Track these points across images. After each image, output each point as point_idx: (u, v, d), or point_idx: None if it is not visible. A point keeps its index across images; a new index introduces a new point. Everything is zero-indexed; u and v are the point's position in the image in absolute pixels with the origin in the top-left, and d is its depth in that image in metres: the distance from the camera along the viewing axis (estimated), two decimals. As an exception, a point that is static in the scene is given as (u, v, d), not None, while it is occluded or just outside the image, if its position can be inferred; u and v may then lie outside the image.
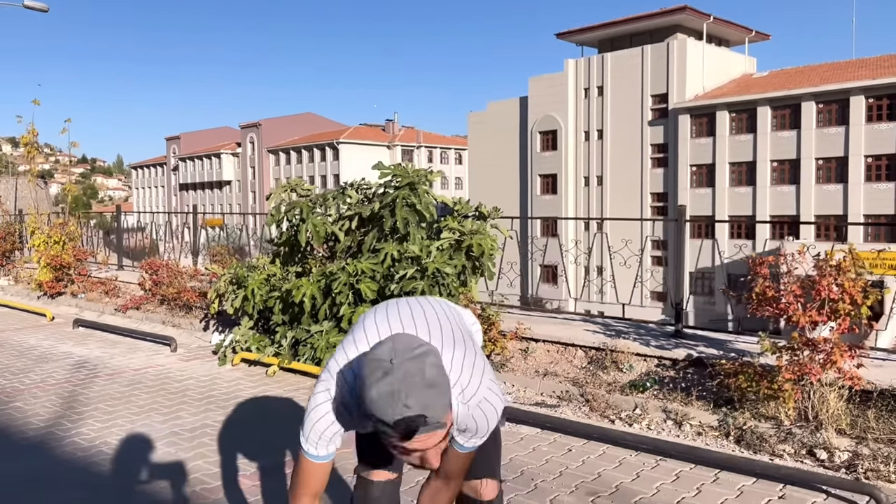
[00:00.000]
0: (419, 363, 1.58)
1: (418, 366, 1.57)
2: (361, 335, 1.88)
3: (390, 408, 1.54)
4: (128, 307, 8.45)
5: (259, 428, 4.37)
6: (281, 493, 3.34)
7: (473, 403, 1.81)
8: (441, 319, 1.92)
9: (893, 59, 36.51)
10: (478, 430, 1.87)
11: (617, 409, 4.56)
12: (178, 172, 79.88)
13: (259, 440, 4.09)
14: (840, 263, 4.07)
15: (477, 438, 1.90)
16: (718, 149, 37.13)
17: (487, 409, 1.84)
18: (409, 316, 1.90)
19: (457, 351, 1.83)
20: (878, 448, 3.72)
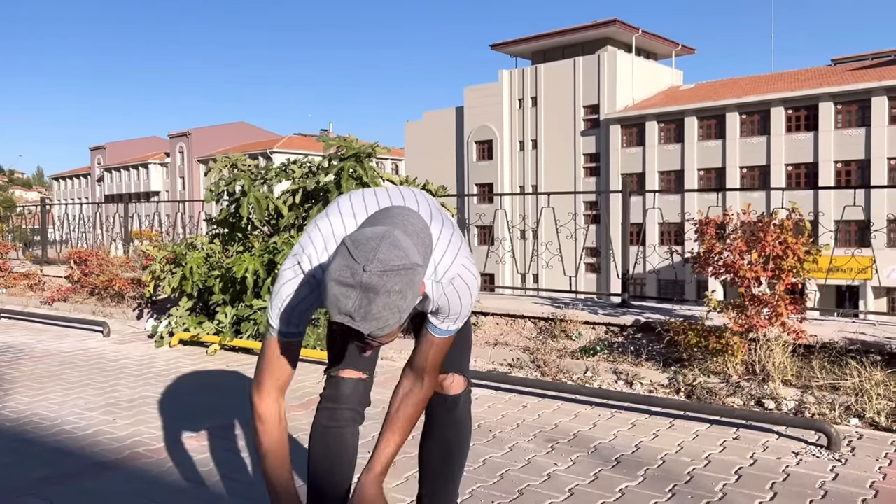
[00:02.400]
0: (389, 281, 1.45)
1: (386, 285, 1.45)
2: (347, 208, 1.78)
3: (337, 309, 1.46)
4: (54, 299, 8.04)
5: (201, 397, 4.18)
6: (228, 450, 3.19)
7: (447, 280, 1.74)
8: (422, 195, 1.85)
9: (810, 72, 38.34)
10: (450, 311, 1.79)
11: (568, 373, 4.56)
12: (104, 183, 77.24)
13: (202, 408, 3.91)
14: (783, 222, 4.18)
15: (451, 321, 1.82)
16: (648, 158, 38.15)
17: (461, 287, 1.76)
18: (396, 191, 1.83)
19: (436, 224, 1.76)
20: (822, 396, 3.82)
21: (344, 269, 1.45)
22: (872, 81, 32.09)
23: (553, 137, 41.57)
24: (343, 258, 1.47)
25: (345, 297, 1.44)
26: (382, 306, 1.45)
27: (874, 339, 4.12)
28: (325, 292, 1.47)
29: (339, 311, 1.45)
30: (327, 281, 1.47)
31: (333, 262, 1.48)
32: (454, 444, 2.18)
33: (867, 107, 32.41)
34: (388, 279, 1.45)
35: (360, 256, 1.45)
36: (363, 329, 1.46)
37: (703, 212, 4.47)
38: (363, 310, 1.44)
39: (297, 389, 4.30)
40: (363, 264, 1.44)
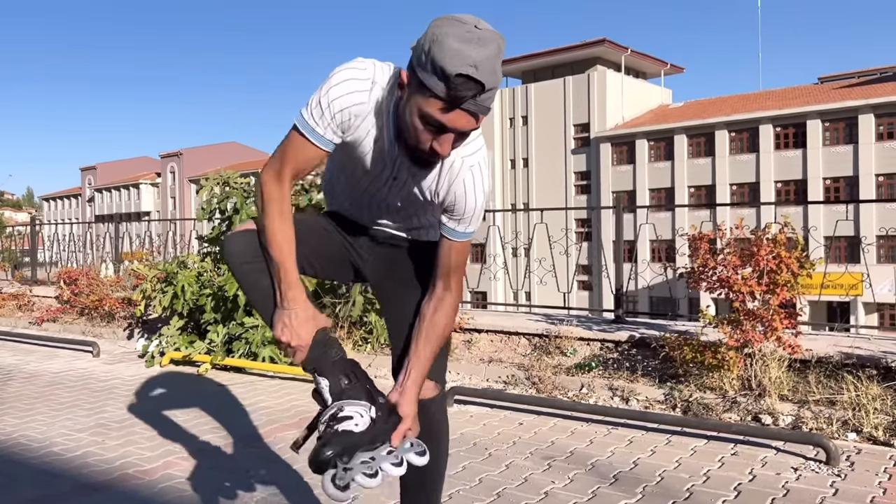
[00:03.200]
0: (500, 41, 1.47)
1: (500, 43, 1.46)
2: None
3: (460, 60, 1.42)
4: (43, 319, 7.96)
5: (193, 417, 4.12)
6: (220, 470, 3.13)
7: (467, 165, 1.70)
8: None
9: (797, 90, 38.75)
10: (465, 207, 1.73)
11: (564, 390, 4.53)
12: (94, 204, 76.99)
13: (193, 428, 3.85)
14: (776, 236, 4.18)
15: (465, 222, 1.76)
16: (639, 175, 38.36)
17: (477, 177, 1.71)
18: None
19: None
20: (819, 410, 3.80)
21: (460, 28, 1.44)
22: (859, 99, 32.45)
23: (544, 156, 41.77)
24: (452, 24, 1.45)
25: (468, 51, 1.42)
26: (499, 64, 1.47)
27: (869, 353, 4.11)
28: (439, 51, 1.43)
29: (463, 62, 1.42)
30: (442, 40, 1.43)
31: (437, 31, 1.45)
32: (434, 452, 2.04)
33: (854, 124, 32.74)
34: (499, 38, 1.47)
35: (467, 20, 1.46)
36: (486, 81, 1.44)
37: (695, 227, 4.47)
38: (488, 62, 1.43)
39: (290, 408, 4.25)
40: (474, 24, 1.45)
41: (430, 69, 1.45)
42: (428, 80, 1.46)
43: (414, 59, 1.51)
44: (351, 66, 1.63)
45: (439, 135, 1.54)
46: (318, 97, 1.62)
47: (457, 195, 1.72)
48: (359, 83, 1.61)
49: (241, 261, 1.79)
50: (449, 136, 1.54)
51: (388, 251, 1.98)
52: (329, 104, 1.61)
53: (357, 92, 1.61)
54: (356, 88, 1.61)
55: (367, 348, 5.51)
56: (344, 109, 1.62)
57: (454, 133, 1.54)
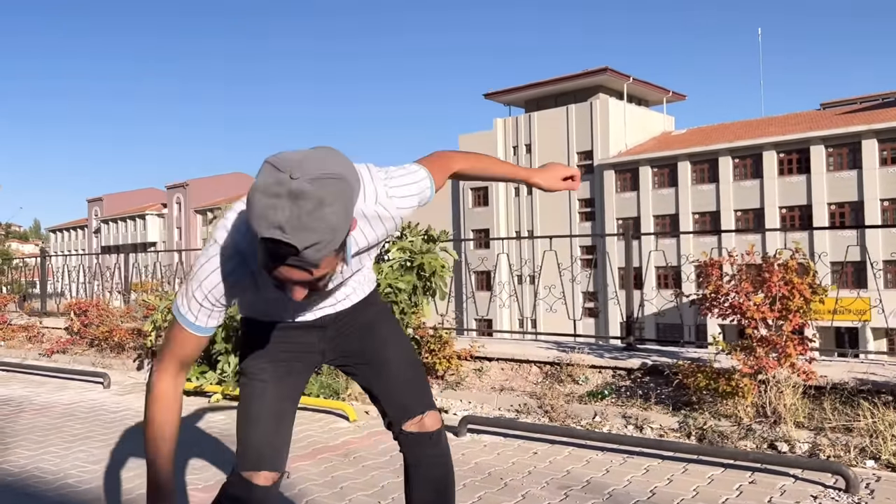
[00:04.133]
0: (320, 189, 1.34)
1: (317, 192, 1.33)
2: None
3: (266, 223, 1.32)
4: (53, 351, 7.97)
5: (206, 448, 4.11)
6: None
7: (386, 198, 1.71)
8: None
9: (799, 116, 38.95)
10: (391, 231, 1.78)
11: (577, 418, 4.51)
12: (101, 235, 77.36)
13: (207, 458, 3.84)
14: (787, 262, 4.19)
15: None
16: (643, 202, 38.44)
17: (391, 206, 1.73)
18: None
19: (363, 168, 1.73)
20: (836, 437, 3.77)
21: (269, 180, 1.35)
22: (861, 125, 32.60)
23: (548, 183, 41.90)
24: (267, 173, 1.36)
25: (273, 208, 1.32)
26: (316, 217, 1.33)
27: (885, 378, 4.09)
28: (251, 208, 1.35)
29: (268, 225, 1.32)
30: (252, 195, 1.35)
31: (256, 180, 1.37)
32: (445, 482, 2.03)
33: (857, 150, 32.85)
34: (319, 186, 1.34)
35: (284, 167, 1.35)
36: (296, 242, 1.32)
37: (706, 254, 4.48)
38: (295, 220, 1.32)
39: (301, 439, 4.23)
40: (289, 173, 1.34)
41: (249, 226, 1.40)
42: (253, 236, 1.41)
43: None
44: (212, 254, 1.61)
45: (284, 285, 1.47)
46: (190, 292, 1.61)
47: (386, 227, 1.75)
48: (227, 262, 1.60)
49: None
50: (294, 287, 1.45)
51: (339, 330, 1.99)
52: (205, 295, 1.60)
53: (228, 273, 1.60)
54: (228, 269, 1.59)
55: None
56: (224, 292, 1.61)
57: (297, 284, 1.45)
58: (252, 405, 1.89)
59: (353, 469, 3.58)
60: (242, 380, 1.93)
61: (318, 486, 3.33)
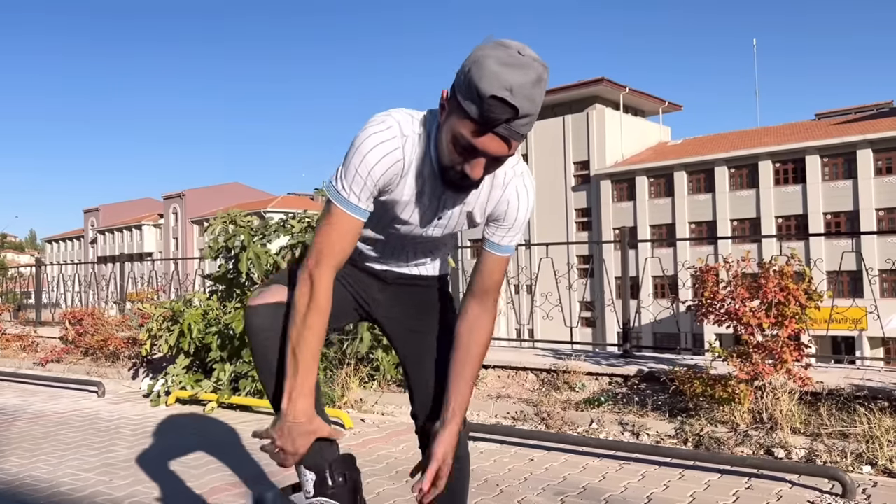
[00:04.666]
0: (543, 70, 1.44)
1: (538, 72, 1.42)
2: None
3: (496, 82, 1.39)
4: (48, 360, 7.94)
5: (200, 456, 4.09)
6: (232, 509, 3.10)
7: (518, 173, 1.72)
8: None
9: (795, 126, 39.13)
10: (509, 218, 1.72)
11: (573, 425, 4.50)
12: (97, 245, 77.24)
13: (201, 467, 3.82)
14: (783, 268, 4.19)
15: (511, 235, 1.75)
16: (639, 212, 38.52)
17: (529, 185, 1.74)
18: None
19: None
20: (832, 443, 3.76)
21: (500, 52, 1.42)
22: (856, 135, 32.75)
23: (544, 193, 41.99)
24: (495, 47, 1.43)
25: (507, 72, 1.39)
26: (538, 91, 1.43)
27: (881, 385, 4.09)
28: (477, 72, 1.40)
29: (500, 85, 1.39)
30: (482, 62, 1.41)
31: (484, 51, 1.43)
32: (461, 484, 1.98)
33: (853, 160, 32.98)
34: (542, 66, 1.44)
35: (511, 45, 1.44)
36: (520, 106, 1.41)
37: (701, 260, 4.48)
38: (524, 88, 1.40)
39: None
40: (517, 49, 1.43)
41: (466, 90, 1.44)
42: (464, 101, 1.45)
43: (455, 81, 1.50)
44: (376, 130, 1.59)
45: (471, 158, 1.52)
46: (353, 167, 1.58)
47: (509, 204, 1.72)
48: (391, 143, 1.59)
49: (264, 336, 1.70)
50: (480, 160, 1.52)
51: (398, 291, 1.95)
52: (369, 172, 1.58)
53: (392, 152, 1.59)
54: (391, 149, 1.59)
55: (374, 385, 5.49)
56: (385, 173, 1.60)
57: (486, 157, 1.52)
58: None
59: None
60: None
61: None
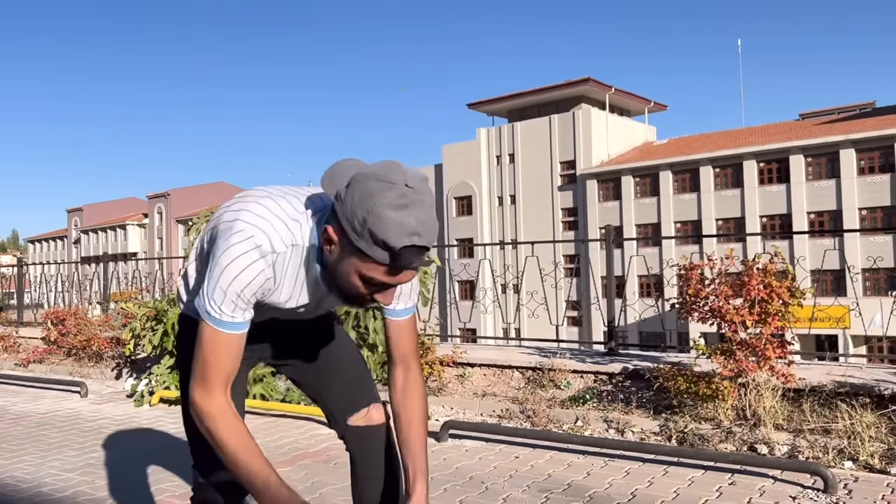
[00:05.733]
0: (430, 196, 1.45)
1: (430, 200, 1.45)
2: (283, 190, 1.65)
3: (403, 233, 1.39)
4: (30, 360, 7.85)
5: (184, 456, 4.05)
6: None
7: None
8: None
9: (779, 127, 39.42)
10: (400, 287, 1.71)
11: (558, 423, 4.51)
12: (80, 245, 76.60)
13: (185, 466, 3.78)
14: (767, 265, 4.22)
15: (409, 296, 1.77)
16: (625, 211, 38.67)
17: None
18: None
19: None
20: (815, 439, 3.79)
21: (391, 195, 1.41)
22: (839, 135, 33.02)
23: (531, 193, 42.08)
24: (382, 189, 1.41)
25: (407, 218, 1.40)
26: (434, 216, 1.45)
27: (862, 381, 4.13)
28: (378, 225, 1.39)
29: (406, 234, 1.39)
30: (378, 212, 1.39)
31: (368, 200, 1.40)
32: (395, 478, 1.99)
33: (836, 159, 33.26)
34: (427, 189, 1.46)
35: (395, 179, 1.42)
36: (429, 242, 1.43)
37: (685, 257, 4.51)
38: (425, 223, 1.42)
39: (282, 446, 4.20)
40: (402, 182, 1.42)
41: (370, 240, 1.42)
42: (369, 249, 1.43)
43: (345, 224, 1.46)
44: (241, 252, 1.53)
45: (384, 290, 1.52)
46: (220, 290, 1.52)
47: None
48: (258, 264, 1.54)
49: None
50: (393, 289, 1.53)
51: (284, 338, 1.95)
52: (239, 294, 1.53)
53: (261, 272, 1.55)
54: (259, 269, 1.54)
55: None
56: (256, 291, 1.56)
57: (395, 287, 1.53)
58: None
59: (333, 475, 3.55)
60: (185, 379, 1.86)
61: (298, 492, 3.29)
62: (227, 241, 1.54)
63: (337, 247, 1.50)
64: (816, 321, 4.98)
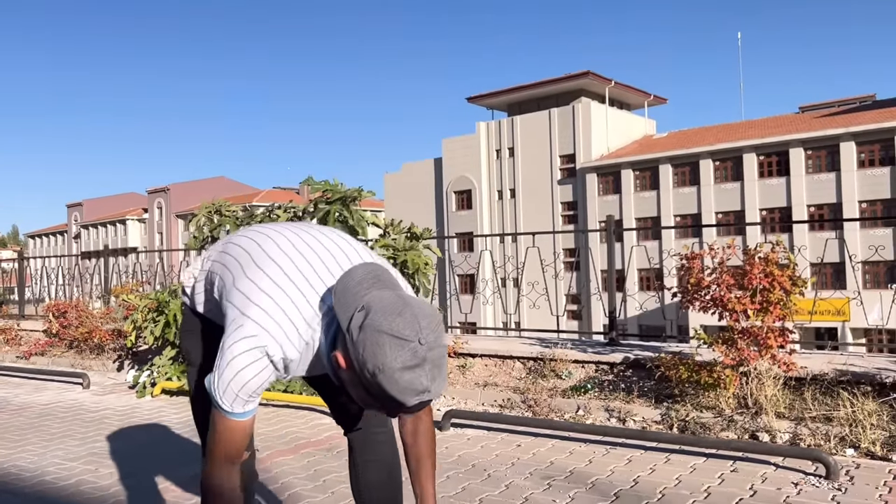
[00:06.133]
0: (443, 343, 1.46)
1: (443, 348, 1.45)
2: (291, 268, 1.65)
3: (414, 393, 1.41)
4: (31, 353, 7.87)
5: (187, 445, 4.07)
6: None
7: None
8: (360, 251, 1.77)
9: (779, 119, 39.36)
10: None
11: (560, 412, 4.52)
12: (80, 240, 76.56)
13: (188, 455, 3.80)
14: (768, 255, 4.22)
15: None
16: (625, 205, 38.64)
17: None
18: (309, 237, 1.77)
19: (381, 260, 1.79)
20: (816, 427, 3.80)
21: (405, 355, 1.40)
22: (840, 128, 32.98)
23: (531, 186, 42.04)
24: (395, 348, 1.40)
25: (419, 378, 1.41)
26: (444, 365, 1.47)
27: (864, 370, 4.13)
28: (389, 383, 1.40)
29: (415, 393, 1.41)
30: (390, 374, 1.39)
31: (380, 356, 1.40)
32: (394, 462, 2.01)
33: (836, 152, 33.23)
34: (439, 336, 1.45)
35: (409, 335, 1.41)
36: (436, 395, 1.45)
37: (687, 247, 4.51)
38: (437, 380, 1.44)
39: (284, 434, 4.21)
40: (416, 340, 1.41)
41: (379, 391, 1.43)
42: (378, 394, 1.44)
43: (355, 364, 1.45)
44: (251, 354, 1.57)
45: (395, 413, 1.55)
46: (232, 390, 1.58)
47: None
48: (265, 366, 1.59)
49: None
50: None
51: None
52: (241, 389, 1.58)
53: (265, 370, 1.59)
54: (264, 370, 1.59)
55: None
56: (263, 384, 1.62)
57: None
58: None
59: (336, 463, 3.56)
60: (191, 369, 1.95)
61: (300, 480, 3.31)
62: (235, 339, 1.57)
63: (347, 372, 1.50)
64: (817, 314, 4.97)
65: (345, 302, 1.49)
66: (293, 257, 1.68)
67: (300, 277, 1.63)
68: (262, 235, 1.77)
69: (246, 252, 1.73)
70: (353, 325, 1.45)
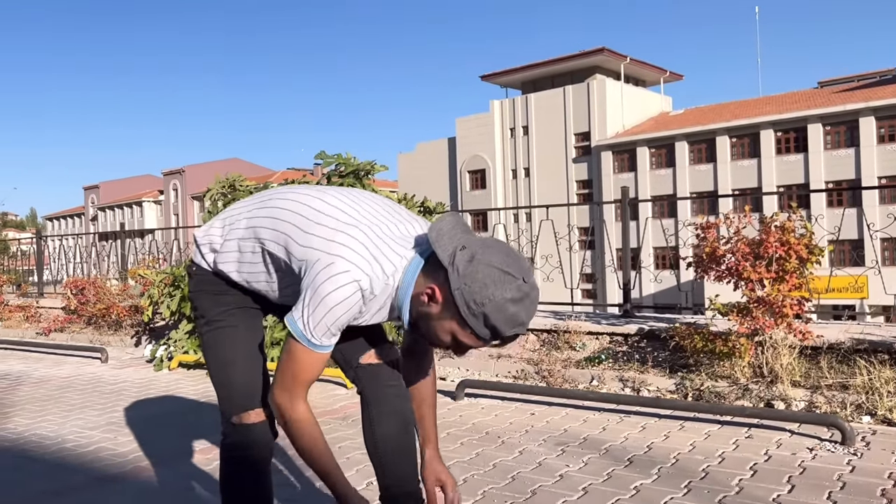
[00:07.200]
0: (537, 286, 1.59)
1: (537, 291, 1.58)
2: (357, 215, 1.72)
3: (513, 324, 1.54)
4: (51, 329, 7.97)
5: (204, 415, 4.12)
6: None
7: None
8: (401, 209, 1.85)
9: (796, 95, 38.81)
10: None
11: (574, 382, 4.52)
12: (97, 222, 77.22)
13: (206, 425, 3.84)
14: (784, 224, 4.18)
15: None
16: (640, 183, 38.37)
17: None
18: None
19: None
20: (832, 395, 3.78)
21: (513, 289, 1.53)
22: (859, 102, 32.47)
23: (545, 165, 41.83)
24: (505, 282, 1.53)
25: (520, 313, 1.54)
26: (537, 304, 1.61)
27: (881, 338, 4.10)
28: (496, 313, 1.52)
29: (514, 325, 1.54)
30: (499, 304, 1.51)
31: (492, 287, 1.52)
32: (408, 416, 2.01)
33: (855, 127, 32.76)
34: (534, 279, 1.60)
35: (515, 272, 1.55)
36: (526, 328, 1.57)
37: (703, 216, 4.46)
38: (531, 315, 1.58)
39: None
40: (522, 277, 1.55)
41: (480, 319, 1.54)
42: (477, 327, 1.55)
43: (458, 297, 1.55)
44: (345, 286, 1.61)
45: (464, 349, 1.64)
46: (320, 320, 1.63)
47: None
48: (357, 300, 1.64)
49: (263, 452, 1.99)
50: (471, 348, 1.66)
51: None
52: (334, 323, 1.64)
53: (355, 306, 1.65)
54: (355, 305, 1.64)
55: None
56: (346, 322, 1.67)
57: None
58: (226, 349, 1.90)
59: (351, 430, 3.59)
60: (206, 328, 1.92)
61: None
62: (327, 276, 1.62)
63: (438, 306, 1.59)
64: (834, 291, 4.92)
65: (443, 243, 1.58)
66: (355, 205, 1.76)
67: (368, 224, 1.71)
68: (307, 195, 1.81)
69: (305, 205, 1.76)
70: (458, 260, 1.55)
